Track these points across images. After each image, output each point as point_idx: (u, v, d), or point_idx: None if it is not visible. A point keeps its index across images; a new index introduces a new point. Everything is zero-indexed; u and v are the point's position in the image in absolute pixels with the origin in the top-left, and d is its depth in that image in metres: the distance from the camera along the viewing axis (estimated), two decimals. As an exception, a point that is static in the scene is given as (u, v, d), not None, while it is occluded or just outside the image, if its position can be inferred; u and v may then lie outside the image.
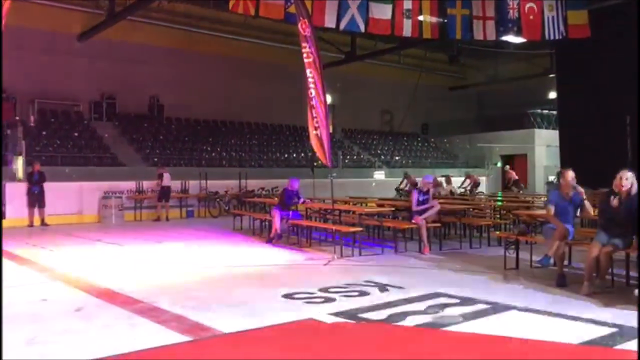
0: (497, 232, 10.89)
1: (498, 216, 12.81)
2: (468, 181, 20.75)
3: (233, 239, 12.54)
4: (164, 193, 16.97)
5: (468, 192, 19.96)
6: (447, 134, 32.11)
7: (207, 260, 9.64)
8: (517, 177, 21.87)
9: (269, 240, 11.46)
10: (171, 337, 5.03)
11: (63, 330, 5.29)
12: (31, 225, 15.24)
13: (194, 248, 11.29)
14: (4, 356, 4.38)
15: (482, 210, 14.04)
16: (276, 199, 12.39)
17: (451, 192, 16.82)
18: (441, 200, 11.89)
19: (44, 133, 19.48)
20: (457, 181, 20.88)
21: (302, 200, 11.78)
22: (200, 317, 5.62)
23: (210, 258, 9.94)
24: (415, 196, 10.36)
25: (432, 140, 32.64)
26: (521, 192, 20.24)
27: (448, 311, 5.83)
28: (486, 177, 28.43)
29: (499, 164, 29.18)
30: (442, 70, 31.33)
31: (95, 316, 5.77)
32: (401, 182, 20.55)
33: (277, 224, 11.38)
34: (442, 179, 18.07)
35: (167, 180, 16.95)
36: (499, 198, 16.08)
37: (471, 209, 12.85)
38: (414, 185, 20.07)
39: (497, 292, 6.72)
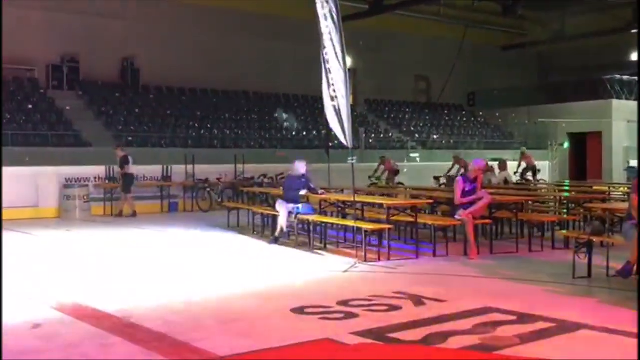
0: (564, 231, 10.82)
1: (565, 211, 12.75)
2: (382, 167, 20.05)
3: (228, 239, 12.60)
4: (131, 181, 17.05)
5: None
6: (500, 107, 31.91)
7: (196, 266, 9.70)
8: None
9: (274, 241, 11.51)
10: (152, 360, 5.09)
11: (18, 351, 5.36)
12: (-25, 220, 15.42)
13: (179, 250, 11.36)
14: None
15: (544, 204, 14.00)
16: (281, 188, 12.46)
17: (505, 180, 16.75)
18: (492, 190, 11.85)
19: (-10, 105, 19.67)
20: (513, 166, 20.77)
21: (311, 188, 11.79)
22: (188, 336, 5.66)
23: (200, 262, 10.00)
24: (459, 185, 10.32)
25: (481, 114, 32.45)
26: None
27: (502, 331, 5.82)
28: (550, 161, 28.28)
29: (567, 145, 28.99)
30: (494, 24, 31.06)
31: (58, 334, 5.84)
32: (376, 169, 20.20)
33: (282, 219, 11.42)
34: (494, 164, 17.97)
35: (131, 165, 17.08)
36: (566, 187, 16.00)
37: (531, 202, 12.80)
38: (395, 173, 19.95)
39: (563, 307, 6.70)
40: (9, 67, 21.30)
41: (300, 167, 11.78)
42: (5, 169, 16.04)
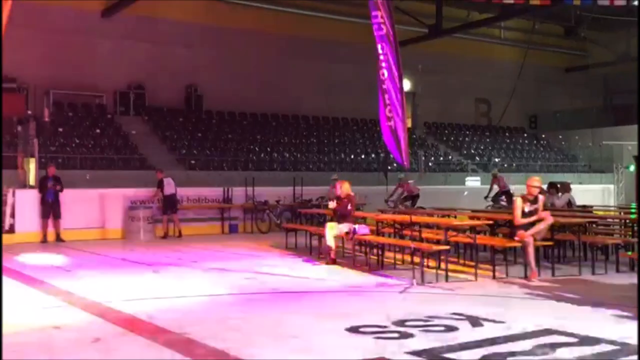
0: (629, 253, 10.49)
1: (630, 233, 12.37)
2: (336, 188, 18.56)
3: (285, 259, 12.66)
4: (170, 203, 17.34)
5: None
6: (563, 129, 31.31)
7: (253, 284, 9.75)
8: (418, 191, 19.11)
9: (330, 262, 11.50)
10: (207, 375, 5.13)
11: (78, 363, 5.48)
12: (45, 240, 15.90)
13: (236, 269, 11.46)
14: None
15: (609, 227, 13.63)
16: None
17: (569, 203, 16.36)
18: (555, 212, 11.59)
19: (60, 130, 20.36)
20: (577, 189, 20.25)
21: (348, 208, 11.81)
22: (244, 353, 5.69)
23: (257, 281, 10.06)
24: (519, 205, 10.11)
25: (543, 136, 31.89)
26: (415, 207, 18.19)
27: (562, 352, 5.68)
28: (615, 184, 27.51)
29: (632, 168, 28.15)
30: (556, 46, 30.63)
31: (116, 348, 5.95)
32: (330, 189, 19.19)
33: (330, 241, 11.47)
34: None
35: (169, 187, 17.33)
36: (632, 210, 15.50)
37: (594, 224, 12.47)
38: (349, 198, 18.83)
39: (628, 330, 6.48)
40: (79, 94, 22.12)
41: (337, 188, 11.93)
42: (73, 191, 16.60)
